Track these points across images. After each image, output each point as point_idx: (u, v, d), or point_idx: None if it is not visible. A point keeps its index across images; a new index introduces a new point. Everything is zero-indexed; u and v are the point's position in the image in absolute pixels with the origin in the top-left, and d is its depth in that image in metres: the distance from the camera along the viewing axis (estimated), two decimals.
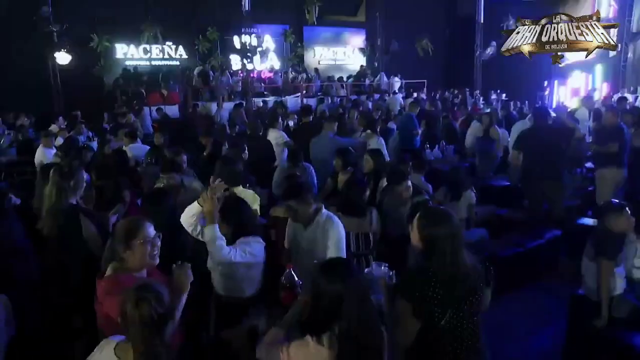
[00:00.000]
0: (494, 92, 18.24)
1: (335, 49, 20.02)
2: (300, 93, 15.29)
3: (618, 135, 5.74)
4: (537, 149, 5.42)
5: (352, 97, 16.36)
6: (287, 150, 6.19)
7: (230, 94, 14.66)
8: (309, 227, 3.04)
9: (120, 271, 2.21)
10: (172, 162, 4.02)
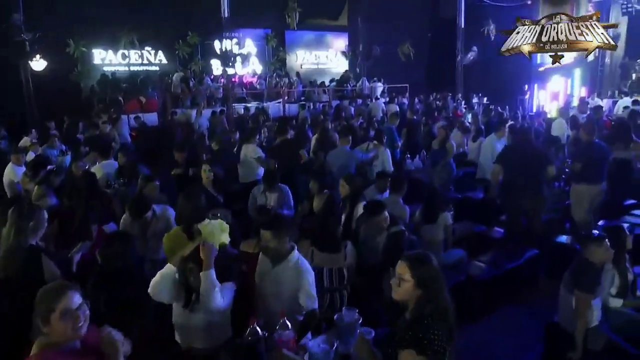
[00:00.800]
0: (476, 96, 18.36)
1: (317, 53, 19.95)
2: (281, 99, 15.14)
3: (592, 152, 5.75)
4: (519, 162, 5.42)
5: (335, 102, 16.31)
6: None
7: (210, 100, 14.46)
8: (277, 266, 2.92)
9: (47, 348, 1.94)
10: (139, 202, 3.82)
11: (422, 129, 10.67)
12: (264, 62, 18.19)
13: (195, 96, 14.06)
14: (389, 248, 3.47)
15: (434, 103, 16.91)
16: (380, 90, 17.22)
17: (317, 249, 3.20)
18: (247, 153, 6.37)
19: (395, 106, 14.79)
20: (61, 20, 13.99)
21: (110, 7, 15.41)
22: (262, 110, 13.48)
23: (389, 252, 3.46)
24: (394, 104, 14.83)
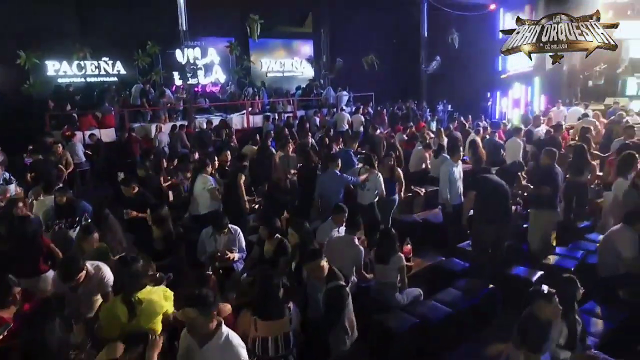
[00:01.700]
0: (441, 103, 18.56)
1: (282, 61, 19.72)
2: (245, 110, 14.85)
3: (551, 178, 5.80)
4: (490, 191, 5.41)
5: (300, 112, 16.14)
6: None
7: (172, 113, 14.04)
8: (205, 346, 2.69)
9: None
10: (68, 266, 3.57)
11: (385, 144, 10.58)
12: (228, 71, 17.86)
13: (155, 109, 13.61)
14: (329, 305, 3.34)
15: (397, 112, 16.98)
16: (345, 99, 17.14)
17: (260, 318, 3.03)
18: (200, 184, 6.10)
19: (360, 117, 14.77)
20: (12, 31, 13.37)
21: (65, 17, 14.82)
22: (225, 123, 13.17)
23: (328, 309, 3.33)
24: (359, 115, 14.80)
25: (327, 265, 3.50)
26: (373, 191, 6.60)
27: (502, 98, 18.26)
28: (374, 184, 6.58)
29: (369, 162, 6.79)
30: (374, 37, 18.20)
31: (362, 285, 4.64)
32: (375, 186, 6.57)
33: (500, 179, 5.50)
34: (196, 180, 6.22)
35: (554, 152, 5.99)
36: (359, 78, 18.17)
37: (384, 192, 6.67)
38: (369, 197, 6.63)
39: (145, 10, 15.13)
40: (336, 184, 6.40)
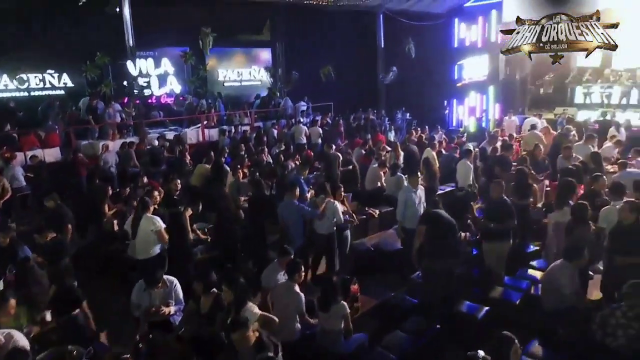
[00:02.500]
0: (399, 112, 18.69)
1: (240, 70, 19.37)
2: (201, 124, 14.47)
3: (506, 211, 5.81)
4: (439, 227, 5.37)
5: (258, 124, 15.87)
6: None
7: (123, 128, 13.48)
8: None
9: None
10: None
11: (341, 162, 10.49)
12: (183, 81, 17.39)
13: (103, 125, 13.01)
14: None
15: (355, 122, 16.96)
16: (304, 109, 17.00)
17: None
18: (145, 227, 5.74)
19: (318, 129, 14.64)
20: None
21: (6, 27, 14.01)
22: (178, 139, 12.75)
23: None
24: (316, 127, 14.66)
25: (255, 334, 3.34)
26: (331, 219, 6.48)
27: (459, 106, 18.55)
28: (331, 212, 6.46)
29: (323, 190, 6.69)
30: (332, 46, 18.15)
31: (307, 332, 4.51)
32: (332, 214, 6.46)
33: (449, 216, 5.47)
34: (140, 221, 5.81)
35: (502, 184, 6.01)
36: (317, 88, 18.07)
37: (342, 219, 6.58)
38: (327, 227, 6.51)
39: (94, 19, 14.50)
40: (294, 214, 6.32)
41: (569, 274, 4.59)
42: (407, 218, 6.50)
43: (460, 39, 17.90)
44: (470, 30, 17.52)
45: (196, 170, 10.59)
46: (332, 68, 16.60)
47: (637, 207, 4.95)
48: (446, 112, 18.88)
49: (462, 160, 8.39)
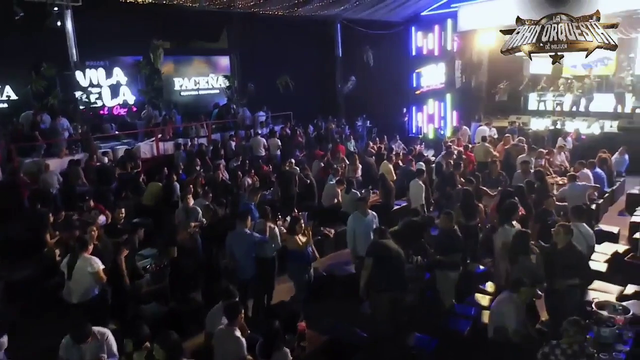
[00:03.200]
0: (360, 119, 18.71)
1: (197, 79, 18.90)
2: (155, 137, 13.98)
3: (453, 244, 5.80)
4: (387, 259, 5.28)
5: (216, 135, 15.50)
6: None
7: (71, 145, 12.85)
8: None
9: None
10: None
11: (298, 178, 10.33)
12: (138, 91, 16.82)
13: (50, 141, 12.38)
14: None
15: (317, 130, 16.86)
16: (263, 120, 16.76)
17: None
18: (81, 268, 5.40)
19: (276, 141, 14.45)
20: None
21: None
22: (130, 155, 12.28)
23: None
24: (275, 139, 14.46)
25: None
26: (271, 244, 6.39)
27: (418, 113, 18.73)
28: (271, 238, 6.41)
29: (264, 215, 6.63)
30: (291, 55, 17.97)
31: None
32: (272, 240, 6.40)
33: (397, 246, 5.41)
34: (77, 263, 5.43)
35: (451, 214, 5.99)
36: (277, 96, 17.86)
37: (280, 245, 6.52)
38: (269, 250, 6.40)
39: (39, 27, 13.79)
40: (246, 244, 6.10)
41: (515, 307, 4.59)
42: (359, 245, 6.41)
43: (417, 47, 18.06)
44: (427, 39, 17.71)
45: (148, 188, 10.24)
46: (289, 78, 16.41)
47: (570, 231, 5.02)
48: (405, 119, 19.02)
49: (414, 180, 8.36)
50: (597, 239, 7.59)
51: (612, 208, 10.16)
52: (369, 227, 6.39)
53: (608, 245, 7.26)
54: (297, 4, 12.68)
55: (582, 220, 5.78)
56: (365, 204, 6.64)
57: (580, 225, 5.74)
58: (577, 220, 5.82)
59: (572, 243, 5.00)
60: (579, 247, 5.21)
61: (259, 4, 12.15)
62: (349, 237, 6.63)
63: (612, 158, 10.97)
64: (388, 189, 9.44)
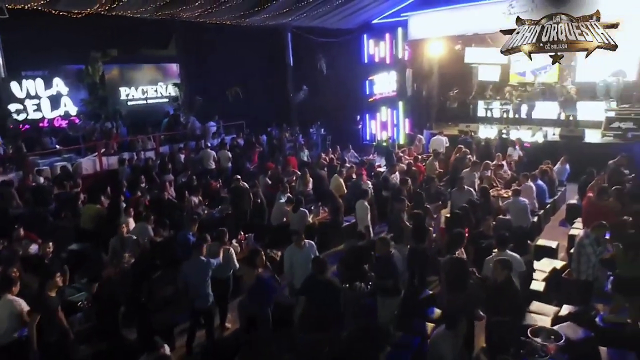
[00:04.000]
0: (314, 127, 18.60)
1: (145, 87, 18.26)
2: (98, 151, 13.35)
3: (390, 270, 5.74)
4: (319, 296, 5.12)
5: (164, 148, 15.01)
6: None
7: (4, 162, 12.10)
8: None
9: None
10: None
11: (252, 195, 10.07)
12: (80, 102, 16.07)
13: None
14: None
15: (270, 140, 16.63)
16: (214, 130, 16.36)
17: None
18: (1, 309, 5.00)
19: (227, 153, 14.09)
20: None
21: None
22: (68, 174, 11.64)
23: None
24: (225, 151, 14.11)
25: None
26: (226, 264, 6.37)
27: (371, 121, 18.83)
28: (227, 259, 6.38)
29: (220, 238, 6.56)
30: (243, 63, 17.67)
31: None
32: (227, 262, 6.37)
33: (333, 280, 5.29)
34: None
35: (386, 240, 5.94)
36: (229, 106, 17.51)
37: (236, 266, 6.52)
38: (224, 270, 6.41)
39: None
40: (203, 272, 5.97)
41: (451, 342, 4.57)
42: (296, 278, 6.24)
43: (369, 55, 18.16)
44: (379, 47, 17.82)
45: (85, 211, 9.69)
46: (241, 86, 16.11)
47: (508, 265, 5.04)
48: (359, 127, 19.08)
49: (359, 202, 8.27)
50: (536, 254, 7.91)
51: (554, 218, 10.45)
52: (306, 259, 6.20)
53: (547, 262, 7.39)
54: (243, 15, 12.40)
55: (506, 248, 5.83)
56: (299, 237, 6.46)
57: (507, 254, 5.78)
58: (501, 249, 5.86)
59: (510, 279, 5.01)
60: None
61: (204, 14, 11.79)
62: (286, 269, 6.46)
63: (555, 168, 11.32)
64: (337, 206, 9.36)
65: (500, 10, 14.03)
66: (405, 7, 16.33)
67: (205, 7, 10.72)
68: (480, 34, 15.26)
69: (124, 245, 7.14)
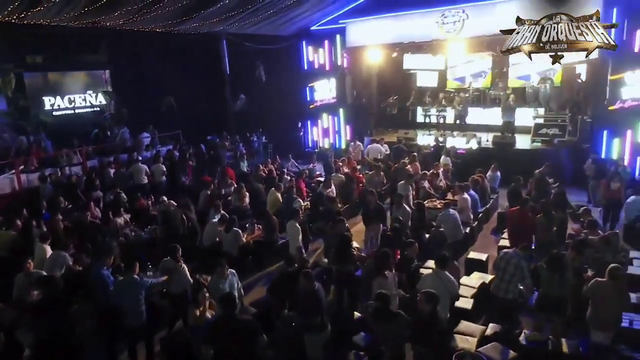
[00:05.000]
0: (255, 135, 18.23)
1: (73, 96, 17.17)
2: (15, 169, 12.32)
3: (317, 305, 5.53)
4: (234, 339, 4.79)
5: (91, 162, 14.11)
6: None
7: None
8: None
9: None
10: None
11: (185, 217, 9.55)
12: None
13: None
14: None
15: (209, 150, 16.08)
16: (147, 141, 15.59)
17: None
18: None
19: (161, 167, 13.43)
20: None
21: None
22: None
23: None
24: (159, 164, 13.44)
25: None
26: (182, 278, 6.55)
27: (313, 127, 18.67)
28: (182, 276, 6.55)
29: (173, 254, 6.65)
30: (178, 70, 16.99)
31: None
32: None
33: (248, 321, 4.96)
34: None
35: (310, 275, 5.68)
36: (164, 115, 16.78)
37: (190, 280, 6.60)
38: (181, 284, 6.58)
39: None
40: (136, 291, 5.91)
41: None
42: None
43: (309, 62, 17.99)
44: (318, 54, 17.69)
45: None
46: (177, 95, 15.47)
47: (433, 298, 4.96)
48: (301, 133, 18.87)
49: (290, 222, 7.99)
50: (467, 268, 8.00)
51: (486, 226, 10.67)
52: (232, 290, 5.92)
53: (476, 276, 7.45)
54: (173, 23, 11.84)
55: (445, 269, 5.80)
56: (223, 268, 6.13)
57: (442, 274, 5.76)
58: (439, 268, 5.84)
59: (434, 312, 4.91)
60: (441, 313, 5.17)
61: (129, 23, 11.14)
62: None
63: (487, 175, 11.58)
64: (271, 224, 9.07)
65: (434, 20, 14.30)
66: (342, 15, 16.26)
67: (127, 16, 10.10)
68: (416, 42, 15.41)
69: (31, 282, 6.50)
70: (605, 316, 5.46)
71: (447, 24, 14.17)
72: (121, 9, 9.39)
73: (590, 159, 11.67)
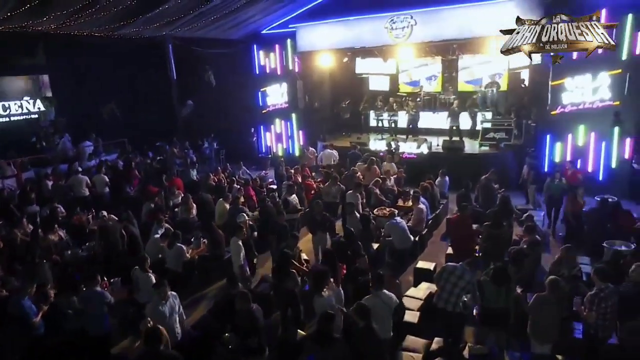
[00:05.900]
0: (206, 141, 17.74)
1: (7, 103, 16.14)
2: None
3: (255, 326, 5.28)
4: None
5: (29, 173, 13.30)
6: None
7: None
8: None
9: None
10: None
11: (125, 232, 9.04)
12: None
13: None
14: None
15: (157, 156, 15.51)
16: (90, 151, 14.83)
17: None
18: None
19: (103, 177, 12.79)
20: None
21: None
22: None
23: None
24: (101, 175, 12.79)
25: None
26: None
27: (266, 133, 18.36)
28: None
29: (142, 264, 6.89)
30: (122, 74, 16.28)
31: None
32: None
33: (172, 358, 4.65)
34: None
35: (246, 295, 5.43)
36: (109, 122, 16.03)
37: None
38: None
39: None
40: (98, 302, 6.12)
41: None
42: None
43: (260, 66, 17.66)
44: (269, 58, 17.40)
45: None
46: (121, 101, 14.79)
47: (365, 314, 4.83)
48: (254, 139, 18.54)
49: (233, 239, 7.64)
50: (415, 278, 7.97)
51: (436, 232, 10.73)
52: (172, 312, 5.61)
53: (423, 287, 7.41)
54: (111, 27, 11.26)
55: (382, 288, 5.66)
56: (164, 287, 5.78)
57: (382, 293, 5.61)
58: (376, 288, 5.68)
59: (369, 327, 4.80)
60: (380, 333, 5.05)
61: (62, 27, 10.49)
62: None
63: (436, 181, 11.66)
64: (216, 238, 8.75)
65: (383, 25, 14.33)
66: (292, 19, 16.07)
67: (58, 21, 9.48)
68: (367, 47, 15.39)
69: None
70: (545, 328, 5.51)
71: (396, 29, 14.22)
72: (50, 13, 8.77)
73: (526, 165, 11.88)
